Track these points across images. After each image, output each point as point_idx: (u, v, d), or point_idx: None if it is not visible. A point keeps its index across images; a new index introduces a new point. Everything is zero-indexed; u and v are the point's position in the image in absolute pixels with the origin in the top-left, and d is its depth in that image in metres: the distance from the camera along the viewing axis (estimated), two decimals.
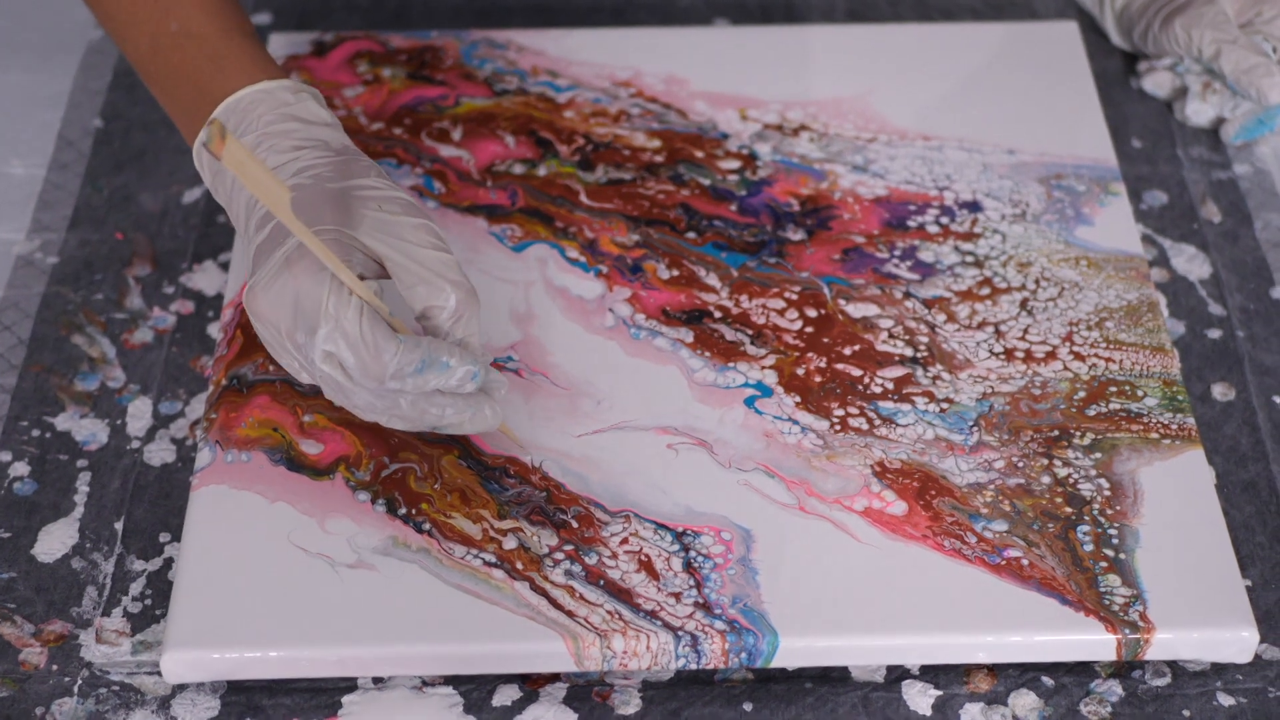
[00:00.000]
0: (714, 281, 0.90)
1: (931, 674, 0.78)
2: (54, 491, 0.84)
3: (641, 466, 0.82)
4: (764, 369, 0.86)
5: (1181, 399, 0.85)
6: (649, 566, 0.78)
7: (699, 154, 0.96)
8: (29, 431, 0.87)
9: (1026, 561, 0.78)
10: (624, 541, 0.79)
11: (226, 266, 0.94)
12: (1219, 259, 0.95)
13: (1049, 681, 0.78)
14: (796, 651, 0.76)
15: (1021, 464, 0.82)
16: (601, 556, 0.78)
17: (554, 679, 0.78)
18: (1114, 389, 0.85)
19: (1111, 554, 0.78)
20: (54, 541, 0.82)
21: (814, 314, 0.88)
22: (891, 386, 0.85)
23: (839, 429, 0.83)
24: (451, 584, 0.77)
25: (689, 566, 0.78)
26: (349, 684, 0.77)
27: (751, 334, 0.87)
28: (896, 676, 0.78)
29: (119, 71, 1.06)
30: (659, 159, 0.96)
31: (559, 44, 1.03)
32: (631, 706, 0.77)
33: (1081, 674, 0.78)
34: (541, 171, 0.95)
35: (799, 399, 0.84)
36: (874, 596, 0.77)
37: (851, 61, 1.02)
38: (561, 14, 1.10)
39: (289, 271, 0.75)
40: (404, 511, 0.80)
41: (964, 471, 0.82)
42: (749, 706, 0.77)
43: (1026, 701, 0.77)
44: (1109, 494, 0.81)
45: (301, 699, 0.77)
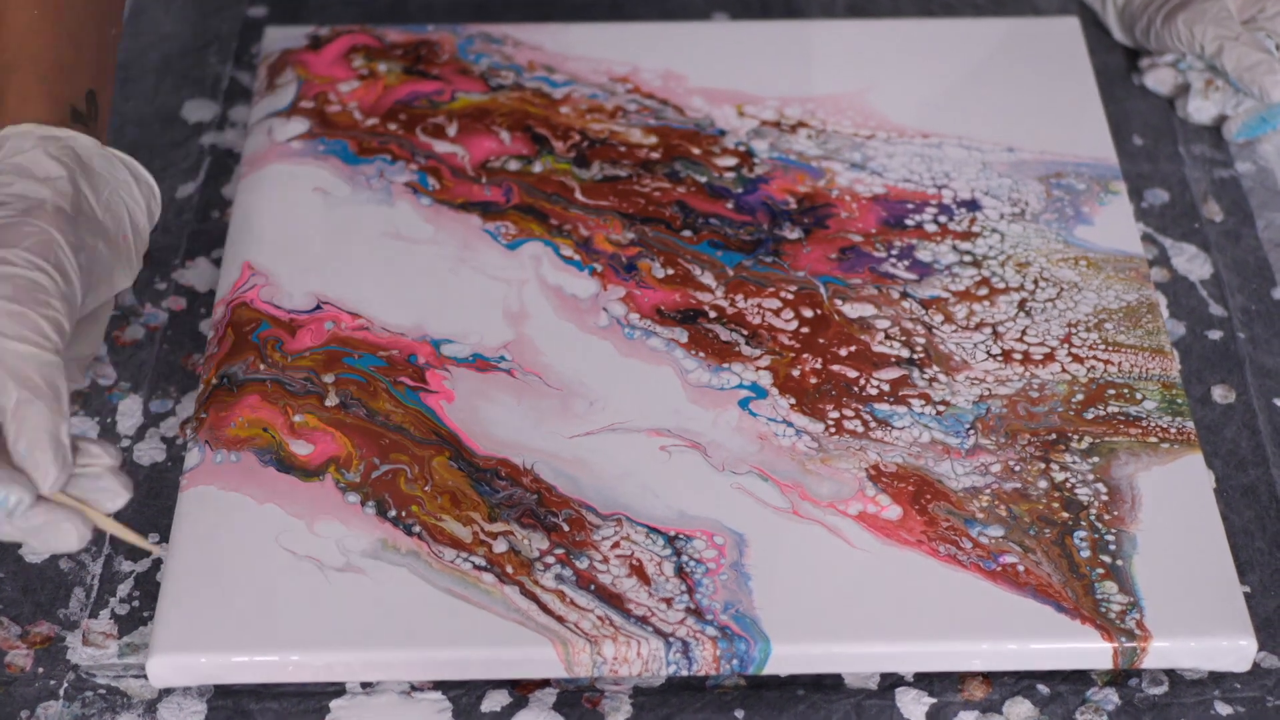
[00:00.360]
0: (709, 281, 0.89)
1: (926, 681, 0.77)
2: None
3: (634, 469, 0.81)
4: (759, 370, 0.85)
5: (1181, 402, 0.84)
6: (640, 571, 0.77)
7: (696, 151, 0.96)
8: None
9: (1022, 568, 0.77)
10: (615, 545, 0.78)
11: (219, 263, 0.93)
12: (1220, 259, 0.94)
13: (1044, 690, 0.77)
14: (789, 658, 0.75)
15: (1018, 468, 0.81)
16: (593, 560, 0.77)
17: (544, 685, 0.77)
18: (1112, 392, 0.84)
19: (1108, 560, 0.77)
20: None
21: (810, 314, 0.87)
22: (888, 388, 0.84)
23: (834, 431, 0.83)
24: (441, 588, 0.76)
25: (681, 571, 0.77)
26: (337, 689, 0.77)
27: (747, 334, 0.86)
28: (890, 684, 0.77)
29: None
30: (655, 155, 0.95)
31: (556, 38, 1.02)
32: (622, 713, 0.76)
33: (1078, 682, 0.77)
34: (537, 168, 0.95)
35: (794, 401, 0.84)
36: (868, 603, 0.76)
37: (851, 57, 1.01)
38: (559, 8, 1.10)
39: None
40: (394, 514, 0.79)
41: (960, 475, 0.81)
42: (741, 713, 0.76)
43: (1022, 710, 0.76)
44: (1106, 499, 0.80)
45: (289, 703, 0.76)
